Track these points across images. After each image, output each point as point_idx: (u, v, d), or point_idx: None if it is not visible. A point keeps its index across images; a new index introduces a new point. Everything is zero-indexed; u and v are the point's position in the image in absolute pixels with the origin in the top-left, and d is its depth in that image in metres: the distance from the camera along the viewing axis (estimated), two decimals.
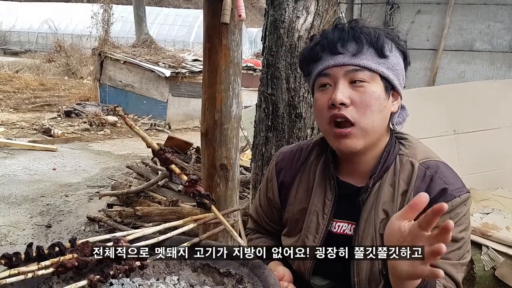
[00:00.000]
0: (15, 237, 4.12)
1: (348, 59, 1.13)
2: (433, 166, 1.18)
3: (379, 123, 1.16)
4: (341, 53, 1.13)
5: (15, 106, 10.59)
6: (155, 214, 4.03)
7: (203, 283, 1.12)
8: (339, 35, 1.14)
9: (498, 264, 2.96)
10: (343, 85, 1.13)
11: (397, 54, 1.17)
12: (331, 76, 1.15)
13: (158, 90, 9.86)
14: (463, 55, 5.01)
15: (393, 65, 1.16)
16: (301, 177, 1.33)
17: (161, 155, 1.04)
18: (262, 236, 1.48)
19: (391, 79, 1.15)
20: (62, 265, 0.92)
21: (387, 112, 1.17)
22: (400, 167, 1.19)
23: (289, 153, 1.39)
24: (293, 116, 2.60)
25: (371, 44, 1.13)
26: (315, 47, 1.18)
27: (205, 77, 2.30)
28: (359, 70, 1.12)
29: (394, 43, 1.17)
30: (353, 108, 1.12)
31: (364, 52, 1.13)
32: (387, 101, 1.16)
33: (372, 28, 1.16)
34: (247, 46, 21.08)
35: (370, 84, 1.13)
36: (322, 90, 1.17)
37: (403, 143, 1.24)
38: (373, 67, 1.13)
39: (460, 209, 1.14)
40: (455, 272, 1.12)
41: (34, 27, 21.28)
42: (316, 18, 2.57)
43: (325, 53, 1.16)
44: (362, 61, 1.12)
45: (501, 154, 3.74)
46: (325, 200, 1.25)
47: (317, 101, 1.18)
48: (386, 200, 1.18)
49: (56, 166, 6.41)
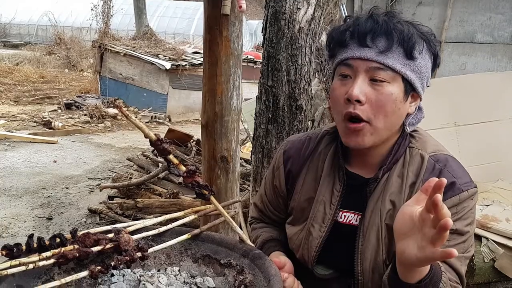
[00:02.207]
0: (16, 229, 4.14)
1: (374, 55, 1.10)
2: (443, 160, 1.18)
3: (391, 123, 1.15)
4: (369, 47, 1.10)
5: (16, 99, 10.57)
6: (155, 206, 4.04)
7: (204, 274, 1.13)
8: (371, 26, 1.10)
9: (497, 256, 2.97)
10: (362, 81, 1.11)
11: (427, 56, 1.14)
12: (353, 68, 1.12)
13: (159, 82, 9.84)
14: (464, 47, 4.99)
15: (420, 67, 1.12)
16: (309, 166, 1.33)
17: (159, 145, 1.03)
18: (266, 226, 1.48)
19: (413, 82, 1.12)
20: (63, 256, 0.92)
21: (402, 113, 1.16)
22: (410, 159, 1.20)
23: (297, 142, 1.39)
24: (294, 108, 2.60)
25: (401, 43, 1.09)
26: (345, 32, 1.14)
27: (205, 69, 2.30)
28: (383, 69, 1.10)
29: (427, 44, 1.13)
30: (368, 106, 1.11)
31: (393, 50, 1.09)
32: (403, 103, 1.14)
33: (407, 24, 1.12)
34: (248, 38, 21.01)
35: (390, 84, 1.11)
36: (342, 80, 1.15)
37: (413, 135, 1.24)
38: (398, 68, 1.10)
39: (467, 203, 1.14)
40: (459, 265, 1.13)
41: (34, 19, 21.21)
42: (317, 10, 2.55)
43: (353, 42, 1.13)
44: (388, 60, 1.09)
45: (502, 146, 3.74)
46: (333, 190, 1.25)
47: (335, 90, 1.17)
48: (393, 191, 1.18)
49: (56, 159, 6.42)
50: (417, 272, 0.97)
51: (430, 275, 0.98)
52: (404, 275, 0.99)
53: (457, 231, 1.12)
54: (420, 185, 1.15)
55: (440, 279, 1.01)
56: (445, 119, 3.73)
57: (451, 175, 1.14)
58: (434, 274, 0.99)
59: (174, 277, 1.09)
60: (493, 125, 3.79)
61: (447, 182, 1.12)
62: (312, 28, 2.55)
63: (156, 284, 1.04)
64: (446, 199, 1.11)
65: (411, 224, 0.92)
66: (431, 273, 0.98)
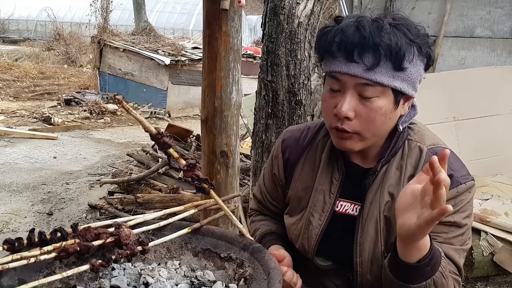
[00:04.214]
0: (17, 224, 4.14)
1: (362, 72, 1.07)
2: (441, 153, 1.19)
3: (381, 132, 1.17)
4: (356, 62, 1.08)
5: (15, 95, 10.55)
6: (156, 201, 4.05)
7: (204, 268, 1.14)
8: (358, 40, 1.06)
9: (496, 250, 2.98)
10: (351, 97, 1.11)
11: (419, 61, 1.11)
12: (341, 83, 1.12)
13: (158, 78, 9.82)
14: (464, 41, 4.98)
15: (410, 75, 1.11)
16: (307, 155, 1.34)
17: (159, 139, 1.03)
18: (265, 218, 1.50)
19: (404, 90, 1.11)
20: (64, 250, 0.93)
21: (393, 120, 1.17)
22: (408, 151, 1.21)
23: (296, 132, 1.40)
24: (293, 103, 2.60)
25: (389, 57, 1.06)
26: (332, 42, 1.10)
27: (205, 64, 2.30)
28: (371, 85, 1.08)
29: (419, 50, 1.10)
30: (357, 121, 1.12)
31: (381, 65, 1.07)
32: (394, 112, 1.14)
33: (397, 34, 1.07)
34: (247, 33, 20.94)
35: (379, 98, 1.10)
36: (331, 92, 1.15)
37: (412, 127, 1.25)
38: (386, 82, 1.08)
39: (465, 196, 1.15)
40: (458, 257, 1.14)
41: (32, 15, 21.14)
42: (316, 4, 2.55)
43: (340, 54, 1.10)
44: (376, 75, 1.07)
45: (501, 141, 3.75)
46: (332, 180, 1.26)
47: (325, 102, 1.17)
48: (392, 183, 1.19)
49: (56, 154, 6.41)
50: (417, 250, 0.99)
51: (429, 255, 1.00)
52: (404, 253, 1.00)
53: (455, 223, 1.13)
54: None
55: (439, 263, 1.02)
56: (444, 114, 3.73)
57: (449, 168, 1.14)
58: (433, 256, 1.00)
59: (174, 270, 1.10)
60: (492, 120, 3.79)
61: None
62: (311, 23, 2.55)
63: (157, 278, 1.04)
64: None
65: (412, 198, 0.95)
66: (431, 254, 1.00)
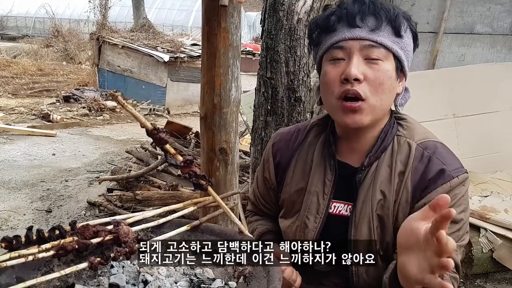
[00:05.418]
0: (16, 221, 4.14)
1: (366, 34, 1.11)
2: (431, 147, 1.18)
3: (387, 102, 1.16)
4: (359, 27, 1.11)
5: (14, 92, 10.53)
6: (155, 199, 4.05)
7: (203, 266, 1.13)
8: (359, 7, 1.12)
9: (496, 246, 2.99)
10: (358, 60, 1.11)
11: (410, 35, 1.17)
12: (346, 50, 1.12)
13: (157, 75, 9.81)
14: (463, 38, 4.97)
15: (406, 45, 1.15)
16: (297, 157, 1.33)
17: (155, 135, 1.02)
18: (261, 219, 1.49)
19: (402, 60, 1.15)
20: (63, 248, 0.92)
21: (394, 92, 1.17)
22: (398, 147, 1.19)
23: (286, 134, 1.39)
24: (293, 100, 2.59)
25: (389, 21, 1.12)
26: (330, 16, 1.15)
27: (204, 61, 2.29)
28: (376, 47, 1.11)
29: (408, 23, 1.16)
30: (366, 84, 1.11)
31: (382, 29, 1.12)
32: (396, 81, 1.16)
33: (391, 5, 1.16)
34: (246, 30, 20.89)
35: (384, 62, 1.12)
36: (334, 63, 1.14)
37: (401, 123, 1.24)
38: (389, 45, 1.12)
39: (459, 190, 1.13)
40: (455, 254, 1.12)
41: (31, 12, 21.06)
42: (316, 1, 2.54)
43: (341, 25, 1.13)
44: (380, 37, 1.11)
45: (500, 137, 3.75)
46: (325, 180, 1.25)
47: (327, 74, 1.15)
48: (383, 181, 1.18)
49: (55, 151, 6.41)
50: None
51: None
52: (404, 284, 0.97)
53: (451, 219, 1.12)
54: (409, 174, 1.15)
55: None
56: (444, 111, 3.73)
57: (440, 162, 1.14)
58: None
59: (173, 268, 1.10)
60: (492, 116, 3.79)
61: (436, 169, 1.13)
62: (311, 19, 2.54)
63: (156, 275, 1.04)
64: (437, 187, 1.11)
65: (414, 241, 0.88)
66: None
